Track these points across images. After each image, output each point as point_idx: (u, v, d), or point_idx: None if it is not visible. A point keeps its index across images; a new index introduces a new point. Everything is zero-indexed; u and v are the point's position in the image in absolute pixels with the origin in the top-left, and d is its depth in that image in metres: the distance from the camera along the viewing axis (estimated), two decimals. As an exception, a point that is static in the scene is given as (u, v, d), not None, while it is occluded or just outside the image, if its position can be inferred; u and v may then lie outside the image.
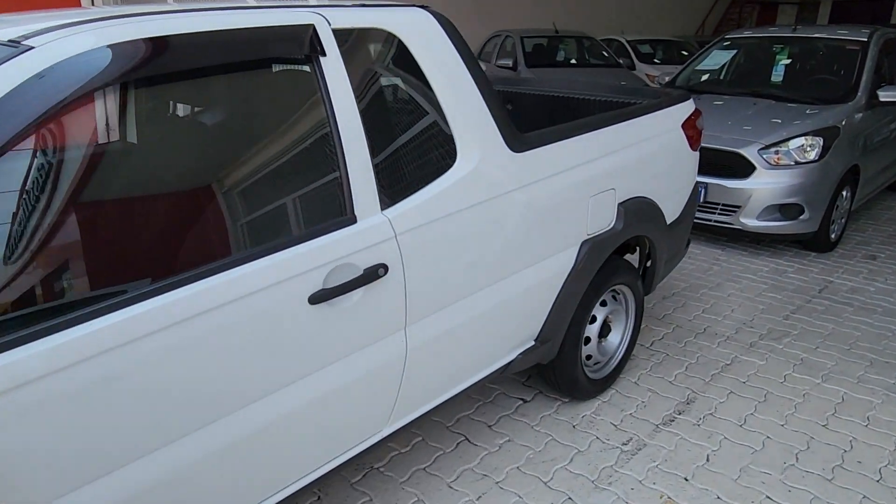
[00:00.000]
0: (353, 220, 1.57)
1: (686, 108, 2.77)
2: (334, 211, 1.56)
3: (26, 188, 1.15)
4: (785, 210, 4.19)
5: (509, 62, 8.91)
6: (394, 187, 1.67)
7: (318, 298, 1.48)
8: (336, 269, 1.53)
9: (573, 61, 9.52)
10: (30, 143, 1.15)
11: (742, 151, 4.19)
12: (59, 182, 1.19)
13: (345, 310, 1.56)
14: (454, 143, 1.82)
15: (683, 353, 3.11)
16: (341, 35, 1.61)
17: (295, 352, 1.49)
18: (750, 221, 4.23)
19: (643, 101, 2.93)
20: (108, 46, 1.24)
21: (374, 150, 1.63)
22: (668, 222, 2.75)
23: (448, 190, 1.77)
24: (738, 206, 4.24)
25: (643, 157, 2.48)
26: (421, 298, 1.75)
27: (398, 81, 1.75)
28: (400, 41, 1.74)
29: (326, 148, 1.55)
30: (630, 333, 2.79)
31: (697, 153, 2.89)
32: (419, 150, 1.74)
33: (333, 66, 1.57)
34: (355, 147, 1.58)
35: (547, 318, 2.27)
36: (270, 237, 1.44)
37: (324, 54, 1.55)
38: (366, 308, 1.61)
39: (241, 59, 1.42)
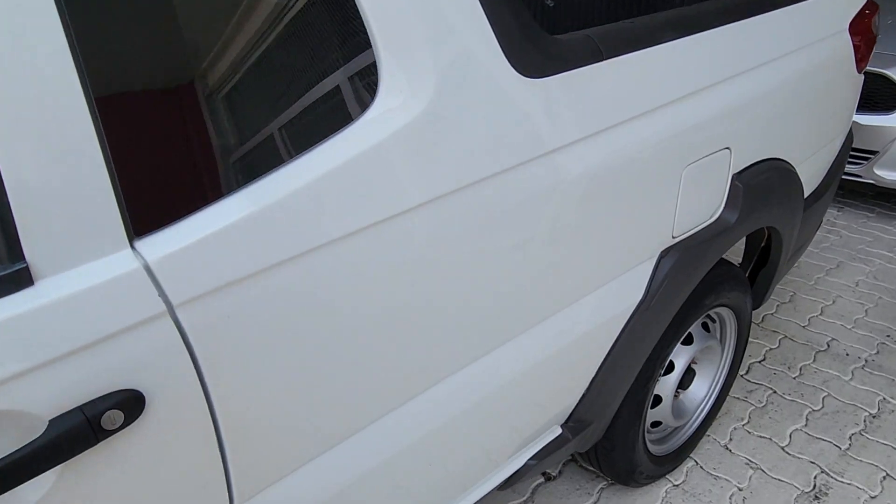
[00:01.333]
0: (23, 279, 0.54)
1: (855, -3, 1.58)
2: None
3: None
4: (944, 159, 2.94)
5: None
6: (179, 179, 0.62)
7: None
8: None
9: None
10: None
11: (889, 73, 2.91)
12: None
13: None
14: (375, 60, 0.74)
15: (799, 390, 2.03)
16: None
17: None
18: (889, 174, 3.00)
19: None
20: None
21: (105, 78, 0.58)
22: (806, 195, 1.63)
23: (344, 172, 0.71)
24: (874, 152, 3.00)
25: (781, 85, 1.33)
26: (264, 447, 0.72)
27: None
28: None
29: None
30: (724, 376, 1.72)
31: (862, 77, 1.70)
32: (264, 76, 0.67)
33: None
34: (23, 62, 0.53)
35: (588, 390, 1.23)
36: None
37: None
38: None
39: None
